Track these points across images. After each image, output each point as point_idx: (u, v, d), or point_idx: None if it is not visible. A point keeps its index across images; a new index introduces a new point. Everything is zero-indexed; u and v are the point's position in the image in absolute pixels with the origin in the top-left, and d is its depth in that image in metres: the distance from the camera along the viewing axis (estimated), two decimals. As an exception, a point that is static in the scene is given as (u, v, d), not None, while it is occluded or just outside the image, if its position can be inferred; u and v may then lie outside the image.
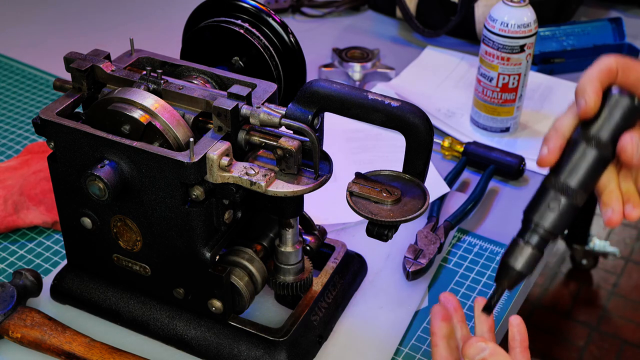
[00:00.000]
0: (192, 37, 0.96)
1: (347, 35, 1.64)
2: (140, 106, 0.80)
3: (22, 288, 0.94)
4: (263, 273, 0.89)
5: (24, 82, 1.47)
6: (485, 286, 1.02)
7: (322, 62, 1.49)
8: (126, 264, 0.90)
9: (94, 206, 0.87)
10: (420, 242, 1.04)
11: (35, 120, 0.84)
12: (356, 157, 1.24)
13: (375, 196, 0.79)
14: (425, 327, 0.96)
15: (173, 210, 0.81)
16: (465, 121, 1.36)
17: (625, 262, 2.44)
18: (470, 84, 1.39)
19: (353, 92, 0.79)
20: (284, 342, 0.88)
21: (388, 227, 0.80)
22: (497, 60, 1.25)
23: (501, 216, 1.15)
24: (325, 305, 0.94)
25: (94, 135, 0.80)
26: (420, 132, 0.78)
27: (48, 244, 1.08)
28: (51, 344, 0.90)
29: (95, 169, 0.79)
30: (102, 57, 0.88)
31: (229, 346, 0.89)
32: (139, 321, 0.93)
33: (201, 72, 0.90)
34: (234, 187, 0.79)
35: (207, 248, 0.84)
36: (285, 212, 0.85)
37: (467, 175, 1.23)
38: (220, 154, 0.77)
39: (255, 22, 0.92)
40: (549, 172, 0.71)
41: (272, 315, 0.95)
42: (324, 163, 0.82)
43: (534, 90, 1.44)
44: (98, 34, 1.63)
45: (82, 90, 0.87)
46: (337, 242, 1.01)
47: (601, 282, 2.38)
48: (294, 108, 0.80)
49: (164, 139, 0.80)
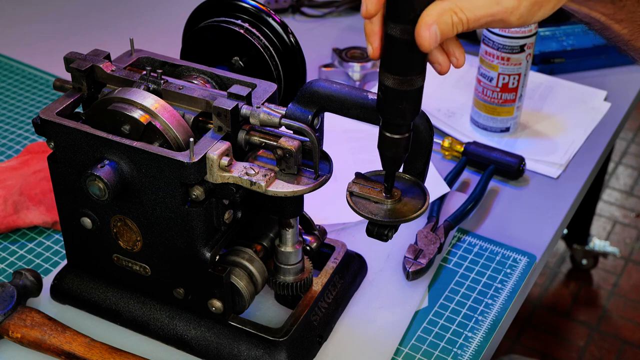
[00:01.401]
0: (192, 37, 0.96)
1: (347, 35, 1.64)
2: (140, 106, 0.80)
3: (22, 288, 0.94)
4: (263, 273, 0.89)
5: (24, 82, 1.47)
6: (485, 286, 1.02)
7: (322, 62, 1.49)
8: (126, 264, 0.90)
9: (94, 206, 0.87)
10: (420, 242, 1.04)
11: (35, 120, 0.84)
12: (356, 157, 1.24)
13: (375, 196, 0.79)
14: (425, 327, 0.96)
15: (173, 210, 0.81)
16: (465, 121, 1.36)
17: (625, 262, 2.44)
18: (470, 84, 1.39)
19: (353, 92, 0.79)
20: (284, 342, 0.88)
21: (388, 227, 0.80)
22: (497, 60, 1.25)
23: (501, 216, 1.15)
24: (325, 305, 0.94)
25: (94, 135, 0.80)
26: (420, 132, 0.78)
27: (48, 244, 1.08)
28: (51, 344, 0.90)
29: (95, 169, 0.79)
30: (102, 57, 0.88)
31: (229, 346, 0.89)
32: (139, 321, 0.93)
33: (201, 72, 0.90)
34: (234, 187, 0.79)
35: (207, 248, 0.84)
36: (285, 212, 0.85)
37: (467, 175, 1.23)
38: (220, 154, 0.77)
39: (255, 22, 0.92)
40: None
41: (272, 315, 0.95)
42: (324, 163, 0.82)
43: (534, 90, 1.44)
44: (98, 34, 1.63)
45: (82, 90, 0.87)
46: (337, 242, 1.01)
47: (601, 282, 2.38)
48: (294, 108, 0.80)
49: (164, 139, 0.80)
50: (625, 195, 2.74)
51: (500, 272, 1.05)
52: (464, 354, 0.93)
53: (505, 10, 0.66)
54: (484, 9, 0.66)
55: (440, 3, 0.66)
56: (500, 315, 0.98)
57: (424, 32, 0.65)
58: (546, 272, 2.39)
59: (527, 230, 1.12)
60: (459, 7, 0.66)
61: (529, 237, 1.11)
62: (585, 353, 2.15)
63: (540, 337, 2.19)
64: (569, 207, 1.18)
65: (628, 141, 3.01)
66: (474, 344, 0.94)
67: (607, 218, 2.63)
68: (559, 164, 1.25)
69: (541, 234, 1.12)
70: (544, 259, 1.11)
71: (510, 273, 1.04)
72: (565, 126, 1.35)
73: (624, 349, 2.16)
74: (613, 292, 2.34)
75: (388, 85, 0.70)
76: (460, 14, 0.66)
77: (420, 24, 0.65)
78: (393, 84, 0.69)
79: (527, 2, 0.67)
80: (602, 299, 2.33)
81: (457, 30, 0.67)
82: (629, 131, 3.05)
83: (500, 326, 0.97)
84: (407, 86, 0.69)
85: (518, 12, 0.67)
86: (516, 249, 1.08)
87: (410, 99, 0.70)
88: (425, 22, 0.65)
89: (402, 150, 0.75)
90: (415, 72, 0.68)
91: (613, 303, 2.30)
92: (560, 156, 1.27)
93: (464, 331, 0.96)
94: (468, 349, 0.94)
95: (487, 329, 0.96)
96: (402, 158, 0.76)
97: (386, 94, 0.70)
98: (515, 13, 0.67)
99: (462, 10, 0.66)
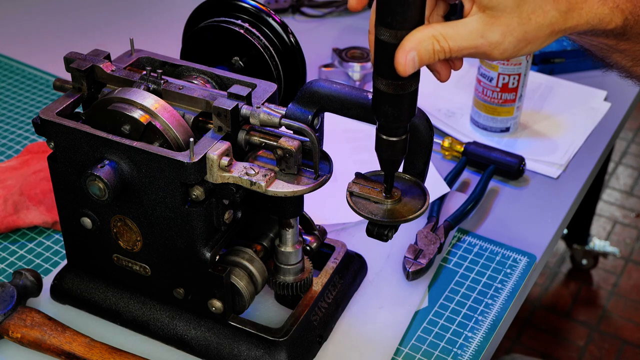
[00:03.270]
0: (192, 37, 0.96)
1: (347, 35, 1.64)
2: (140, 106, 0.80)
3: (22, 288, 0.94)
4: (263, 273, 0.89)
5: (24, 82, 1.47)
6: (485, 286, 1.02)
7: (322, 62, 1.49)
8: (126, 264, 0.90)
9: (94, 206, 0.87)
10: (420, 242, 1.04)
11: (35, 120, 0.84)
12: (356, 157, 1.25)
13: (375, 196, 0.79)
14: (425, 327, 0.96)
15: (173, 210, 0.81)
16: (465, 121, 1.36)
17: (625, 262, 2.44)
18: (470, 84, 1.39)
19: (353, 92, 0.79)
20: (284, 342, 0.88)
21: (388, 227, 0.80)
22: (497, 60, 1.25)
23: (501, 216, 1.15)
24: (325, 305, 0.94)
25: (94, 135, 0.80)
26: (420, 132, 0.78)
27: (48, 244, 1.08)
28: (51, 344, 0.90)
29: (95, 169, 0.79)
30: (102, 57, 0.88)
31: (229, 346, 0.89)
32: (139, 321, 0.93)
33: (201, 72, 0.90)
34: (234, 187, 0.79)
35: (207, 248, 0.84)
36: (285, 212, 0.85)
37: (467, 175, 1.23)
38: (220, 154, 0.77)
39: (255, 22, 0.92)
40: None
41: (272, 315, 0.95)
42: (324, 163, 0.82)
43: (534, 90, 1.44)
44: (98, 34, 1.63)
45: (82, 90, 0.87)
46: (337, 242, 1.01)
47: (601, 282, 2.38)
48: (294, 108, 0.80)
49: (164, 139, 0.80)
50: (625, 195, 2.74)
51: (500, 272, 1.05)
52: (464, 354, 0.93)
53: (490, 45, 0.66)
54: (468, 41, 0.66)
55: (424, 28, 0.65)
56: (500, 315, 0.98)
57: (401, 58, 0.65)
58: (546, 272, 2.39)
59: (527, 230, 1.12)
60: (442, 35, 0.66)
61: (529, 237, 1.11)
62: (585, 353, 2.15)
63: (540, 337, 2.19)
64: (569, 207, 1.18)
65: (628, 141, 3.01)
66: (474, 344, 0.94)
67: (607, 218, 2.63)
68: (559, 164, 1.25)
69: (541, 234, 1.12)
70: (544, 259, 1.11)
71: (510, 273, 1.04)
72: (565, 126, 1.35)
73: (624, 349, 2.16)
74: (613, 292, 2.34)
75: (380, 89, 0.69)
76: (443, 42, 0.66)
77: (398, 49, 0.65)
78: (385, 88, 0.69)
79: (512, 38, 0.66)
80: (602, 299, 2.33)
81: (439, 57, 0.66)
82: (629, 131, 3.05)
83: (500, 326, 0.97)
84: (400, 90, 0.69)
85: (502, 47, 0.66)
86: (516, 249, 1.08)
87: (403, 103, 0.70)
88: (404, 47, 0.65)
89: (399, 152, 0.75)
90: (407, 77, 0.68)
91: (613, 303, 2.30)
92: (560, 156, 1.27)
93: (464, 331, 0.96)
94: (468, 349, 0.94)
95: (487, 329, 0.96)
96: (400, 160, 0.76)
97: (379, 98, 0.70)
98: (498, 48, 0.66)
99: (445, 39, 0.66)
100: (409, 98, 0.70)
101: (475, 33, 0.66)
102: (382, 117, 0.71)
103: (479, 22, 0.66)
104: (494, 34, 0.65)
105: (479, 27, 0.66)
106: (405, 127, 0.73)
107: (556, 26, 0.67)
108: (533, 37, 0.67)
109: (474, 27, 0.66)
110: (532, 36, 0.66)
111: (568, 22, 0.67)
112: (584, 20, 0.68)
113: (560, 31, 0.68)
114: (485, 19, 0.66)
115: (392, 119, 0.71)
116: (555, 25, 0.67)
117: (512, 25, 0.65)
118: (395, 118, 0.71)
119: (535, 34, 0.66)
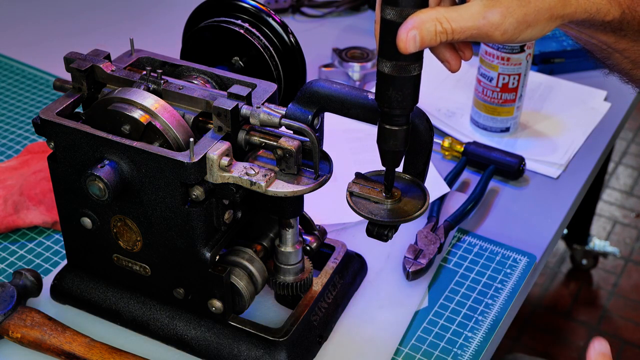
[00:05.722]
0: (192, 37, 0.96)
1: (347, 35, 1.64)
2: (140, 106, 0.80)
3: (22, 288, 0.94)
4: (263, 273, 0.89)
5: (24, 82, 1.47)
6: (485, 286, 1.02)
7: (322, 62, 1.49)
8: (126, 264, 0.90)
9: (94, 206, 0.87)
10: (420, 242, 1.04)
11: (35, 120, 0.84)
12: (356, 157, 1.25)
13: (375, 196, 0.79)
14: (425, 327, 0.96)
15: (173, 210, 0.81)
16: (465, 121, 1.36)
17: (625, 262, 2.44)
18: (470, 84, 1.39)
19: (353, 92, 0.79)
20: (284, 342, 0.88)
21: (388, 227, 0.80)
22: (497, 60, 1.25)
23: (501, 216, 1.15)
24: (325, 305, 0.94)
25: (94, 135, 0.80)
26: (420, 132, 0.78)
27: (48, 244, 1.08)
28: (51, 344, 0.90)
29: (95, 169, 0.79)
30: (102, 57, 0.88)
31: (229, 346, 0.89)
32: (139, 321, 0.93)
33: (201, 72, 0.90)
34: (234, 187, 0.79)
35: (207, 248, 0.84)
36: (285, 212, 0.85)
37: (467, 175, 1.23)
38: (220, 154, 0.77)
39: (255, 22, 0.92)
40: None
41: (272, 315, 0.95)
42: (324, 163, 0.82)
43: (534, 90, 1.44)
44: (98, 34, 1.63)
45: (82, 90, 0.87)
46: (337, 242, 1.01)
47: (601, 282, 2.38)
48: (294, 108, 0.80)
49: (164, 139, 0.80)
50: (625, 195, 2.74)
51: (500, 272, 1.05)
52: (464, 354, 0.93)
53: (491, 25, 0.68)
54: (471, 21, 0.68)
55: (428, 10, 0.67)
56: (500, 315, 0.98)
57: (402, 34, 0.67)
58: (546, 272, 2.39)
59: (527, 230, 1.12)
60: (445, 17, 0.68)
61: (529, 237, 1.11)
62: (586, 353, 2.15)
63: (540, 337, 2.19)
64: (569, 207, 1.18)
65: (628, 141, 3.01)
66: (474, 344, 0.94)
67: (607, 218, 2.63)
68: (559, 164, 1.25)
69: (541, 234, 1.12)
70: (544, 259, 1.11)
71: (510, 273, 1.04)
72: (565, 126, 1.35)
73: (624, 349, 2.16)
74: (613, 292, 2.34)
75: (384, 72, 0.70)
76: (446, 24, 0.68)
77: (401, 26, 0.67)
78: (389, 70, 0.70)
79: (513, 19, 0.68)
80: (602, 299, 2.33)
81: (441, 39, 0.68)
82: (629, 131, 3.05)
83: (500, 326, 0.97)
84: (403, 72, 0.69)
85: (502, 28, 0.68)
86: (516, 249, 1.08)
87: (407, 86, 0.71)
88: (406, 25, 0.67)
89: (401, 143, 0.75)
90: (410, 58, 0.69)
91: (613, 303, 2.30)
92: (560, 156, 1.27)
93: (464, 331, 0.96)
94: (468, 349, 0.94)
95: (487, 329, 0.96)
96: (401, 153, 0.76)
97: (383, 82, 0.71)
98: (499, 28, 0.68)
99: (447, 21, 0.68)
100: (412, 82, 0.71)
101: (477, 15, 0.68)
102: (386, 102, 0.72)
103: (480, 4, 0.68)
104: (494, 15, 0.68)
105: (480, 9, 0.68)
106: (408, 116, 0.74)
107: (555, 11, 0.69)
108: (533, 19, 0.69)
109: (475, 9, 0.68)
110: (531, 19, 0.68)
111: (566, 8, 0.70)
112: (582, 8, 0.71)
113: (559, 17, 0.70)
114: (486, 2, 0.68)
115: (395, 104, 0.71)
116: (554, 9, 0.69)
117: (512, 7, 0.68)
118: (398, 103, 0.71)
119: (534, 16, 0.68)
